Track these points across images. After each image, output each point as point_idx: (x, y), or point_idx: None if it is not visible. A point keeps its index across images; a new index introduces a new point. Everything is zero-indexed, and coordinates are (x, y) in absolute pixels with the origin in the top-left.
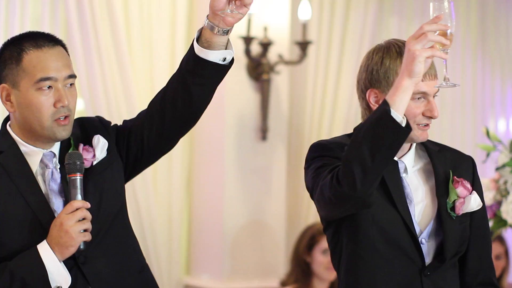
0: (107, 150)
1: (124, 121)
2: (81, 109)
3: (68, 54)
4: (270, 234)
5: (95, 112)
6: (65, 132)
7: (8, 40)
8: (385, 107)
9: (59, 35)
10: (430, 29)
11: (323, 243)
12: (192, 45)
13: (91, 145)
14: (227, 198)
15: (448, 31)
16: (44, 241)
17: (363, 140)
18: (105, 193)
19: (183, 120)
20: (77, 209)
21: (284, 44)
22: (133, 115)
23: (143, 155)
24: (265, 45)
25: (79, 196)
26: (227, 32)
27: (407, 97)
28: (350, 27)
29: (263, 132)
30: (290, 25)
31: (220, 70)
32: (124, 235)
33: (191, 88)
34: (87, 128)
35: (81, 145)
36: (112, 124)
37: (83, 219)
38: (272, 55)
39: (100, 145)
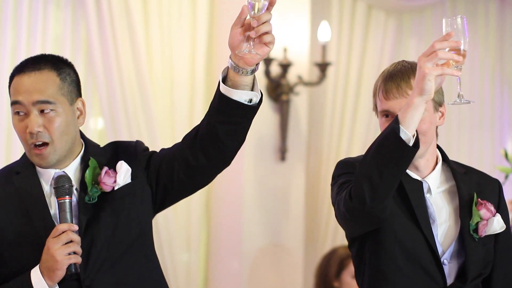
0: (132, 176)
1: (161, 149)
2: (101, 128)
3: (64, 79)
4: (288, 255)
5: (115, 131)
6: (42, 161)
7: None
8: (394, 124)
9: (79, 54)
10: (441, 46)
11: (352, 267)
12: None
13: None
14: (246, 218)
15: (461, 47)
16: (37, 266)
17: (372, 156)
18: (122, 219)
19: (215, 161)
20: (63, 232)
21: (303, 65)
22: (153, 134)
23: (173, 186)
24: (285, 66)
25: (67, 220)
26: (251, 72)
27: (418, 115)
28: (369, 48)
29: (282, 153)
30: (309, 47)
31: (245, 111)
32: (142, 264)
33: (217, 126)
34: (118, 152)
35: (105, 169)
36: (147, 151)
37: (71, 241)
38: (292, 76)
39: (123, 171)
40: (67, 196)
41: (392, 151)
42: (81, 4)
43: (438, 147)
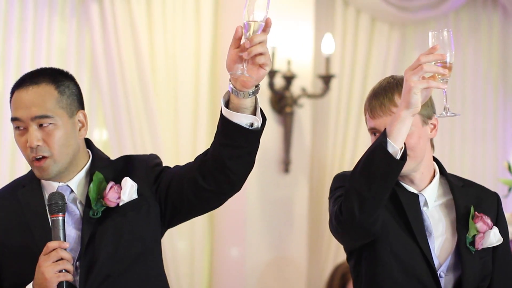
0: (138, 192)
1: (175, 166)
2: (105, 139)
3: (63, 92)
4: (292, 266)
5: (119, 142)
6: (42, 173)
7: None
8: (382, 138)
9: (84, 65)
10: (426, 60)
11: None
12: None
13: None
14: (249, 229)
15: (447, 60)
16: (31, 283)
17: (361, 170)
18: (124, 236)
19: (222, 185)
20: (53, 250)
21: (307, 78)
22: (157, 146)
23: (182, 205)
24: (289, 79)
25: (60, 237)
26: (251, 94)
27: (405, 128)
28: (373, 61)
29: (286, 165)
30: (313, 59)
31: (246, 135)
32: (144, 281)
33: (221, 150)
34: (128, 166)
35: (110, 184)
36: (159, 166)
37: (61, 259)
38: (295, 88)
39: (127, 188)
40: (60, 214)
41: (379, 164)
42: (85, 16)
43: (436, 159)
